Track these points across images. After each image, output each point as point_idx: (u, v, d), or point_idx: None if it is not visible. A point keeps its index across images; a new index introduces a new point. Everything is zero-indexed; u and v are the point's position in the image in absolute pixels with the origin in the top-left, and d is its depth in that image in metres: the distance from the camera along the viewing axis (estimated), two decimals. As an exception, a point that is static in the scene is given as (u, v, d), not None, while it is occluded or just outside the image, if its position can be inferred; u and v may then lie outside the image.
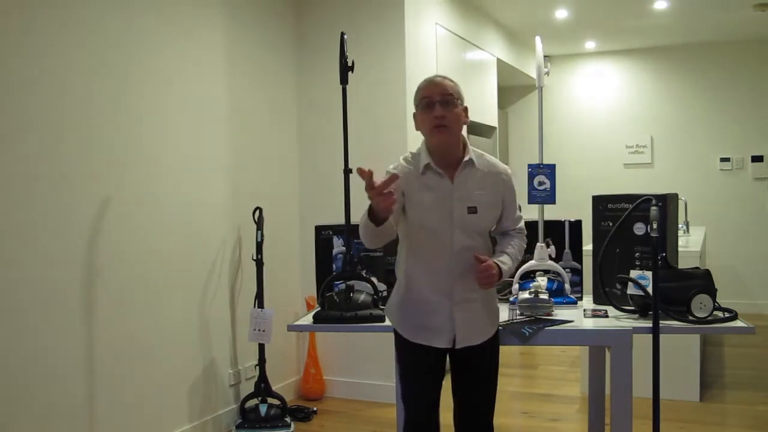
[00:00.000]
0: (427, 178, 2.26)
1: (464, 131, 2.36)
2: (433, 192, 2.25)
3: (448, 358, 2.39)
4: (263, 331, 3.76)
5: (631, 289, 2.59)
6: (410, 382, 2.37)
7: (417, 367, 2.35)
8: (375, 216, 2.05)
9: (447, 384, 2.43)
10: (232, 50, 4.08)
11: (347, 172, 2.91)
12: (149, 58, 3.47)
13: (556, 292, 2.83)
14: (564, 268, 2.93)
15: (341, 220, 2.94)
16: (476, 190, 2.27)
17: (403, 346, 2.37)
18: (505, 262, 2.29)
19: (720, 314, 2.53)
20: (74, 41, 3.06)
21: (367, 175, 1.92)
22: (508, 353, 5.46)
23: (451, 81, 2.28)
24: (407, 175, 2.26)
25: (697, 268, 2.73)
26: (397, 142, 4.32)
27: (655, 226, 2.42)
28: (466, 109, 2.30)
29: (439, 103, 2.20)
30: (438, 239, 2.25)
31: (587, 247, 3.03)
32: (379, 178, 1.97)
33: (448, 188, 2.25)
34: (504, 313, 2.61)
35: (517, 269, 2.65)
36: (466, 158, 2.26)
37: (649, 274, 2.53)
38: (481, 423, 2.40)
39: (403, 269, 2.36)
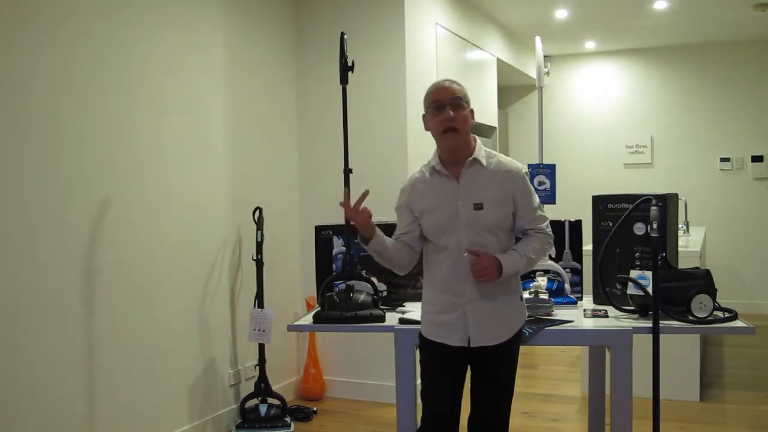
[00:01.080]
0: (433, 180, 2.34)
1: None
2: (439, 193, 2.32)
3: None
4: (263, 331, 3.76)
5: (631, 289, 2.59)
6: (428, 381, 2.39)
7: (435, 365, 2.37)
8: (363, 237, 2.32)
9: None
10: (232, 50, 4.08)
11: (347, 172, 2.91)
12: (148, 59, 3.47)
13: (556, 292, 2.84)
14: (564, 268, 2.93)
15: (341, 220, 2.94)
16: (483, 187, 2.30)
17: (423, 345, 2.41)
18: (506, 257, 2.26)
19: (720, 314, 2.53)
20: (71, 39, 3.06)
21: (345, 203, 2.32)
22: (508, 353, 5.45)
23: (459, 85, 2.35)
24: (414, 183, 2.39)
25: (697, 268, 2.73)
26: (397, 142, 4.32)
27: (655, 226, 2.42)
28: (472, 111, 2.37)
29: (449, 106, 2.28)
30: (447, 238, 2.29)
31: (587, 247, 3.03)
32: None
33: (454, 188, 2.30)
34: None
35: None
36: (471, 157, 2.31)
37: (649, 274, 2.53)
38: (493, 425, 2.39)
39: (425, 270, 2.43)
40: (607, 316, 2.67)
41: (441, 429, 2.36)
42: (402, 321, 2.65)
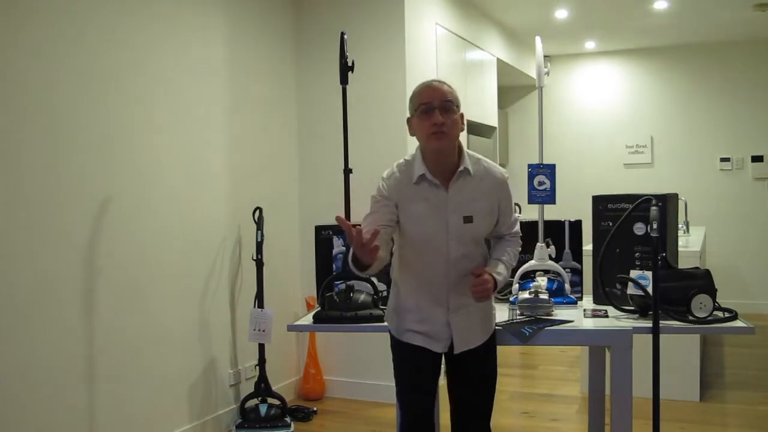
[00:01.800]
0: (421, 188, 2.21)
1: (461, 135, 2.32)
2: (427, 202, 2.20)
3: (443, 358, 2.39)
4: (263, 331, 3.76)
5: (631, 289, 2.59)
6: (406, 383, 2.37)
7: (412, 368, 2.34)
8: (359, 261, 2.02)
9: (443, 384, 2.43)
10: (232, 50, 4.08)
11: (347, 172, 2.91)
12: (148, 58, 3.47)
13: (556, 292, 2.83)
14: (564, 268, 2.93)
15: (341, 220, 2.94)
16: (472, 199, 2.22)
17: (398, 348, 2.37)
18: (500, 272, 2.27)
19: (720, 314, 2.53)
20: (70, 40, 3.06)
21: (349, 230, 1.89)
22: (508, 353, 5.46)
23: (449, 86, 2.22)
24: (399, 184, 2.23)
25: (697, 268, 2.73)
26: (397, 142, 4.32)
27: (655, 226, 2.42)
28: (462, 116, 2.25)
29: (438, 109, 2.14)
30: (433, 249, 2.23)
31: (587, 247, 3.03)
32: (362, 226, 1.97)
33: (443, 198, 2.20)
34: (504, 313, 2.61)
35: (513, 273, 2.64)
36: (461, 168, 2.21)
37: (649, 274, 2.53)
38: (479, 424, 2.40)
39: (399, 277, 2.35)
40: (607, 316, 2.66)
41: (424, 426, 2.34)
42: (402, 321, 2.65)
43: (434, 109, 2.14)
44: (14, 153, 2.81)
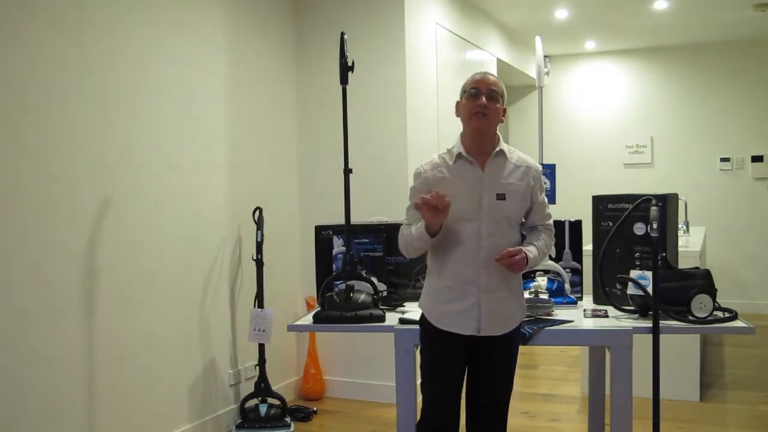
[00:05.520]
0: (458, 166, 2.37)
1: None
2: (463, 179, 2.34)
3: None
4: (263, 331, 3.76)
5: (631, 289, 2.59)
6: (433, 372, 2.41)
7: (441, 356, 2.39)
8: (432, 231, 2.27)
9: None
10: (232, 50, 4.08)
11: (347, 172, 2.91)
12: (149, 58, 3.47)
13: (556, 292, 2.84)
14: (564, 268, 2.93)
15: (341, 220, 2.95)
16: (506, 178, 2.35)
17: (428, 335, 2.41)
18: (531, 251, 2.34)
19: (720, 314, 2.53)
20: (71, 40, 3.06)
21: (425, 201, 2.18)
22: (508, 353, 5.45)
23: (497, 79, 2.41)
24: (436, 168, 2.39)
25: (697, 268, 2.73)
26: (397, 141, 4.32)
27: (655, 226, 2.42)
28: (504, 110, 2.41)
29: (485, 95, 2.33)
30: (467, 226, 2.32)
31: (587, 247, 3.03)
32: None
33: (479, 175, 2.34)
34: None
35: None
36: (497, 149, 2.36)
37: (649, 274, 2.53)
38: (496, 422, 2.42)
39: (434, 258, 2.42)
40: (607, 316, 2.67)
41: (446, 420, 2.37)
42: (402, 321, 2.65)
43: (482, 94, 2.34)
44: (15, 155, 2.81)
